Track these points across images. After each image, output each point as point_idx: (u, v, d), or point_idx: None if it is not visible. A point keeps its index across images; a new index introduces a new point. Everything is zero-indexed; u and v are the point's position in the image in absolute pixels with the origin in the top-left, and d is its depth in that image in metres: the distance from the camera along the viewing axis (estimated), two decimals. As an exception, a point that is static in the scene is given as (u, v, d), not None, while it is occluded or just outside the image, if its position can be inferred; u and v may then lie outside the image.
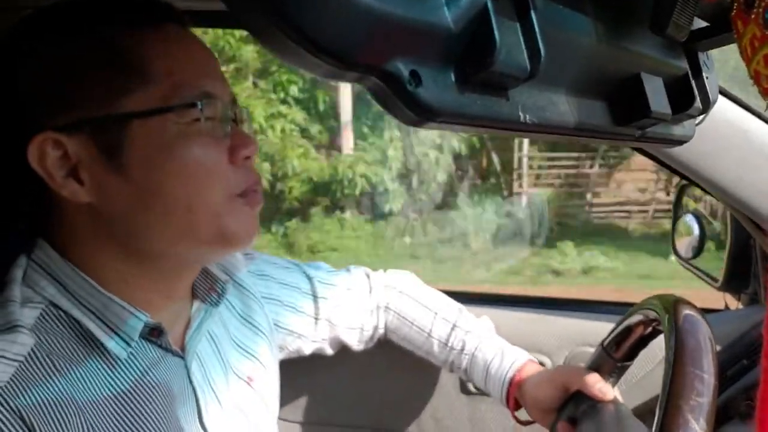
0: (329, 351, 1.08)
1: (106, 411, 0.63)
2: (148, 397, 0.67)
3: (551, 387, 0.94)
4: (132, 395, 0.66)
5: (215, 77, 0.69)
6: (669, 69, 0.56)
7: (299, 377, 1.29)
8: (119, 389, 0.66)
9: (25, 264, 0.67)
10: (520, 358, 1.02)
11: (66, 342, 0.64)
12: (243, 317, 0.87)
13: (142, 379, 0.68)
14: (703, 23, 0.55)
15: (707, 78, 0.59)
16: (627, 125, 0.51)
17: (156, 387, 0.69)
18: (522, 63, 0.37)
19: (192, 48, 0.68)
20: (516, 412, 1.01)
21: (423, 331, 1.09)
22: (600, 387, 0.88)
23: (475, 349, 1.04)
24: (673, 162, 1.02)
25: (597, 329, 1.18)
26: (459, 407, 1.28)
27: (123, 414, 0.65)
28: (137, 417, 0.66)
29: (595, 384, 0.89)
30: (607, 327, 0.92)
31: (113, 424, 0.64)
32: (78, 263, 0.66)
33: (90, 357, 0.65)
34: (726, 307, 1.27)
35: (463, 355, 1.05)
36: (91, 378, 0.64)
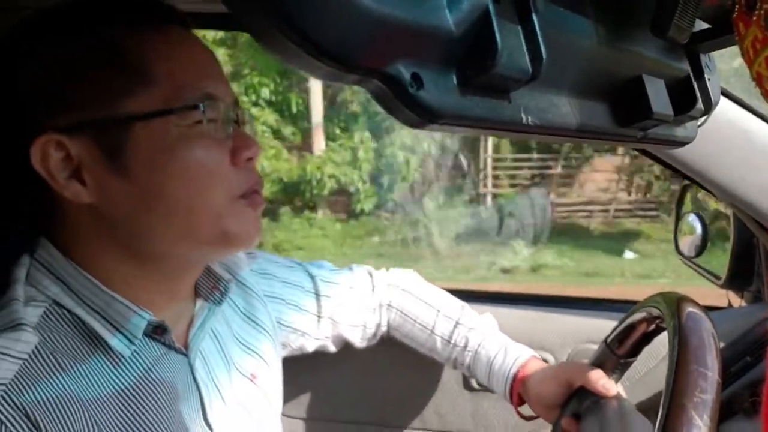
0: (332, 348, 1.08)
1: (110, 408, 0.64)
2: (151, 394, 0.67)
3: (555, 383, 0.94)
4: (136, 392, 0.66)
5: (217, 79, 0.68)
6: (671, 71, 0.55)
7: (302, 374, 1.29)
8: (123, 386, 0.66)
9: (29, 263, 0.67)
10: (523, 354, 1.02)
11: (69, 340, 0.64)
12: (246, 315, 0.88)
13: (145, 377, 0.68)
14: (705, 25, 0.55)
15: (709, 79, 0.59)
16: (629, 127, 0.51)
17: (160, 384, 0.69)
18: (523, 65, 0.37)
19: (194, 49, 0.68)
20: (519, 407, 1.01)
21: (426, 329, 1.09)
22: (603, 383, 0.88)
23: (478, 346, 1.05)
24: (676, 162, 1.02)
25: (599, 327, 1.18)
26: (462, 403, 1.29)
27: (127, 411, 0.65)
28: (141, 413, 0.66)
29: (599, 380, 0.89)
30: (610, 324, 0.93)
31: (117, 420, 0.64)
32: (80, 263, 0.66)
33: (94, 354, 0.65)
34: (729, 305, 1.28)
35: (466, 352, 1.06)
36: (95, 375, 0.64)
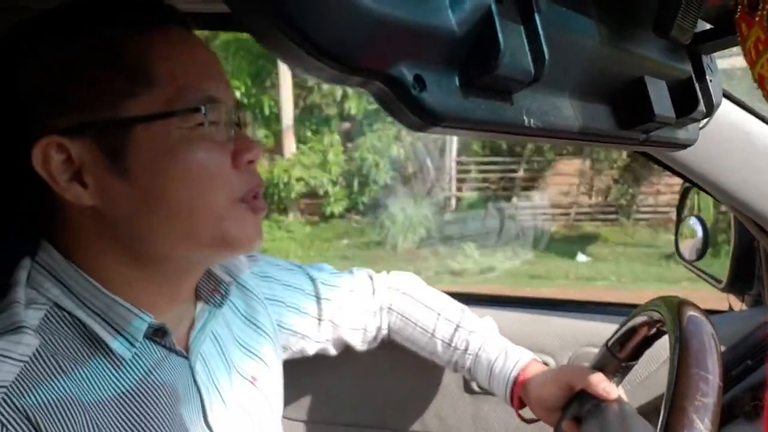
0: (333, 351, 1.08)
1: (111, 410, 0.63)
2: (152, 397, 0.67)
3: (556, 386, 0.94)
4: (137, 395, 0.66)
5: (219, 81, 0.68)
6: (673, 72, 0.55)
7: (303, 377, 1.29)
8: (124, 389, 0.66)
9: (29, 266, 0.67)
10: (524, 357, 1.02)
11: (70, 342, 0.64)
12: (246, 318, 0.87)
13: (146, 379, 0.68)
14: (707, 26, 0.55)
15: (711, 81, 0.58)
16: (631, 129, 0.51)
17: (160, 386, 0.69)
18: (526, 66, 0.36)
19: (195, 51, 0.67)
20: (520, 411, 1.01)
21: (426, 332, 1.09)
22: (604, 386, 0.88)
23: (479, 349, 1.04)
24: (677, 165, 1.02)
25: (600, 330, 1.18)
26: (463, 406, 1.28)
27: (128, 413, 0.65)
28: (142, 416, 0.66)
29: (600, 383, 0.89)
30: (610, 328, 0.92)
31: (118, 423, 0.64)
32: (82, 265, 0.66)
33: (94, 357, 0.65)
34: (730, 309, 1.27)
35: (467, 355, 1.05)
36: (96, 378, 0.64)
